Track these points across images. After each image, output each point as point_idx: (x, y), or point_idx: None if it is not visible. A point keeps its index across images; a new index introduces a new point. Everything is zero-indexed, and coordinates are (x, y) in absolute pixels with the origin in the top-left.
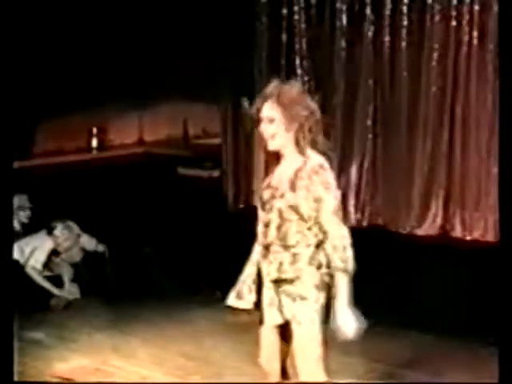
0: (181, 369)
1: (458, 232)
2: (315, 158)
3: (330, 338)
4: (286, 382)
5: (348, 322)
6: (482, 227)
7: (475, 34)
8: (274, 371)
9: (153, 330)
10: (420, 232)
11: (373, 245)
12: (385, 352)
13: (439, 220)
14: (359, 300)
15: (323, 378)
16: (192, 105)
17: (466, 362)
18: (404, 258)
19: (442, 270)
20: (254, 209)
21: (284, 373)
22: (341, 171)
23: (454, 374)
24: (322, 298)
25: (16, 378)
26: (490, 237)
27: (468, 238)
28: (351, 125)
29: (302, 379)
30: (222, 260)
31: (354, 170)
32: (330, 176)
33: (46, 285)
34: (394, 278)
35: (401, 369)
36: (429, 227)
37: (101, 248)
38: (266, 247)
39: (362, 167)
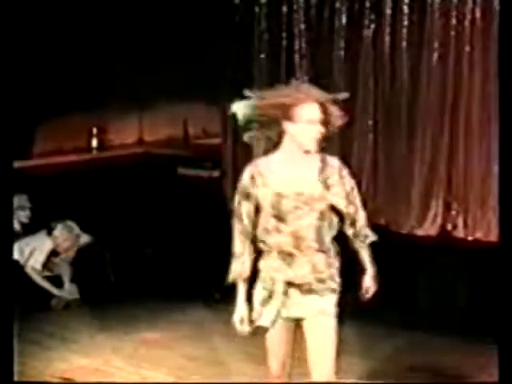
0: (181, 369)
1: (459, 232)
2: (331, 157)
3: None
4: (286, 381)
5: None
6: (484, 227)
7: (476, 33)
8: (286, 373)
9: (153, 331)
10: (420, 232)
11: (373, 245)
12: (385, 352)
13: (439, 220)
14: (359, 300)
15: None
16: (192, 105)
17: (466, 361)
18: (404, 257)
19: (442, 270)
20: None
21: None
22: None
23: (454, 374)
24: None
25: (16, 378)
26: (493, 237)
27: (470, 238)
28: (351, 125)
29: (315, 377)
30: (221, 260)
31: (354, 170)
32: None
33: (46, 285)
34: (394, 277)
35: (401, 369)
36: (429, 227)
37: (88, 238)
38: (291, 254)
39: (362, 167)
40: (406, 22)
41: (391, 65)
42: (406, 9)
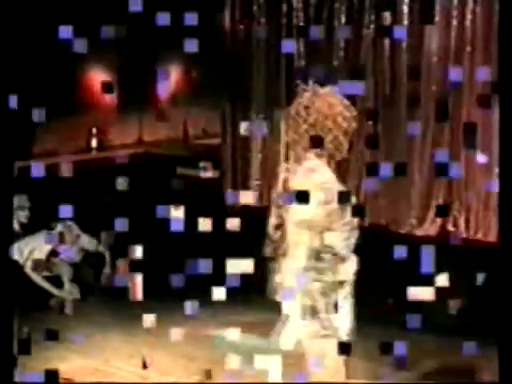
0: (181, 369)
1: (460, 232)
2: None
3: None
4: (286, 382)
5: None
6: (484, 227)
7: (476, 33)
8: None
9: (153, 330)
10: (420, 232)
11: (373, 245)
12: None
13: (439, 220)
14: (359, 300)
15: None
16: (192, 105)
17: (466, 362)
18: (404, 257)
19: (441, 270)
20: (253, 209)
21: None
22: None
23: (454, 374)
24: None
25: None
26: (493, 237)
27: (471, 238)
28: None
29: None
30: (220, 260)
31: (353, 170)
32: None
33: (46, 285)
34: (393, 277)
35: (401, 369)
36: (429, 227)
37: (101, 248)
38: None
39: (362, 167)
40: (405, 22)
41: (391, 65)
42: (405, 9)
